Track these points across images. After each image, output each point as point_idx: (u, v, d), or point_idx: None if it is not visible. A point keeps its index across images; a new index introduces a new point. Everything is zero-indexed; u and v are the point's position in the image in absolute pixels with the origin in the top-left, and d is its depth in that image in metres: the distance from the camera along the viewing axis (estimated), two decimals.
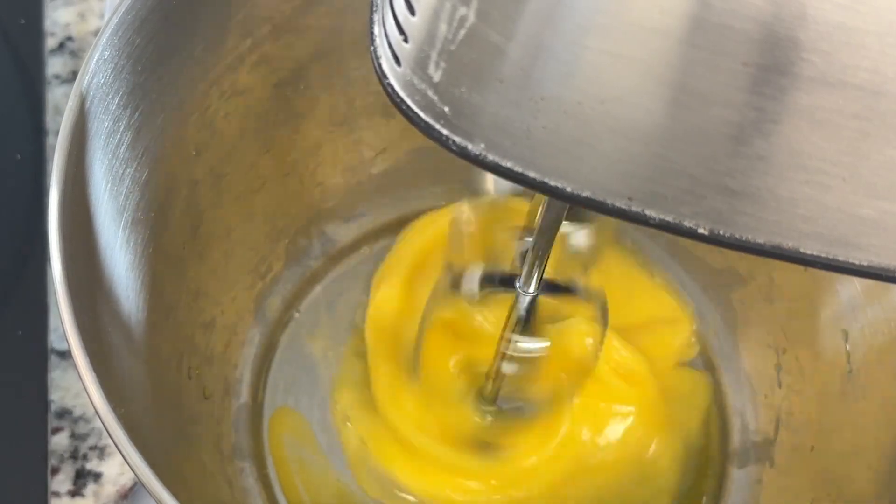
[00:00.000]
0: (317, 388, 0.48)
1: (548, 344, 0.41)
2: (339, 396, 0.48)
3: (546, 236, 0.36)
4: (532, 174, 0.25)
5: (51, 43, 0.58)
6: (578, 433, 0.46)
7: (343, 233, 0.52)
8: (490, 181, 0.44)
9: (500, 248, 0.41)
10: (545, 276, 0.39)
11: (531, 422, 0.46)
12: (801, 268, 0.45)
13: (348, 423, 0.47)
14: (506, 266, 0.40)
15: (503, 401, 0.45)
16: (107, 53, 0.37)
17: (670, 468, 0.47)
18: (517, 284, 0.39)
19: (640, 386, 0.47)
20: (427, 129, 0.25)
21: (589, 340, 0.43)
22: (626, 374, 0.47)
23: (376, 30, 0.26)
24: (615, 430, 0.47)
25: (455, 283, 0.41)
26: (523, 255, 0.38)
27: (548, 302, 0.40)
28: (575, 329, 0.42)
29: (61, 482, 0.47)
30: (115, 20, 0.37)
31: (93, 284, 0.36)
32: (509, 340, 0.40)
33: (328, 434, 0.47)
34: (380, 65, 0.26)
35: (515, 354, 0.41)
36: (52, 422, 0.48)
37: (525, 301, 0.39)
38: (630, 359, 0.47)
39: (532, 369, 0.43)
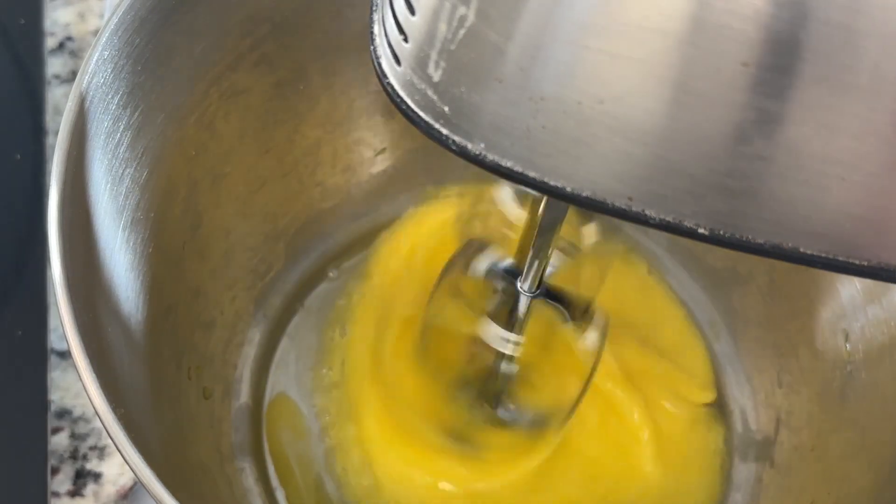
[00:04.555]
0: (316, 387, 0.48)
1: (525, 343, 0.41)
2: (336, 395, 0.48)
3: (546, 236, 0.36)
4: (532, 174, 0.25)
5: (50, 43, 0.58)
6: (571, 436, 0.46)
7: (343, 233, 0.52)
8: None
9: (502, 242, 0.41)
10: (551, 285, 0.39)
11: (521, 434, 0.46)
12: (801, 268, 0.45)
13: (344, 422, 0.47)
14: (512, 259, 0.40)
15: (502, 408, 0.45)
16: (106, 53, 0.37)
17: (667, 470, 0.47)
18: (518, 284, 0.39)
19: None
20: (427, 129, 0.25)
21: (585, 356, 0.43)
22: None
23: (376, 29, 0.26)
24: (606, 434, 0.47)
25: (466, 264, 0.41)
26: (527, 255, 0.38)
27: (546, 312, 0.40)
28: (573, 344, 0.42)
29: (61, 482, 0.47)
30: (114, 20, 0.37)
31: (93, 284, 0.36)
32: (503, 337, 0.40)
33: (326, 433, 0.47)
34: (380, 64, 0.26)
35: (505, 351, 0.41)
36: (52, 422, 0.48)
37: (523, 301, 0.39)
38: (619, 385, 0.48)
39: (527, 375, 0.43)
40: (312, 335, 0.50)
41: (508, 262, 0.40)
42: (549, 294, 0.40)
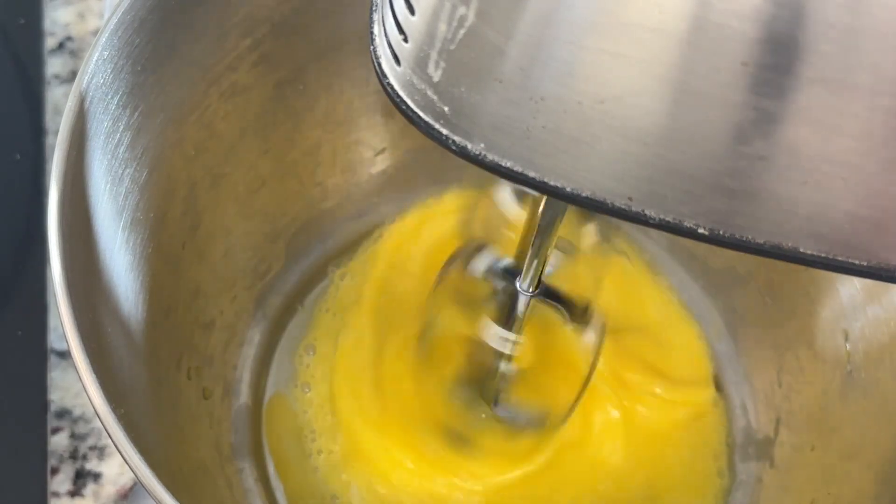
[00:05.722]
0: (315, 386, 0.48)
1: (521, 341, 0.41)
2: (337, 393, 0.48)
3: (545, 235, 0.36)
4: (532, 174, 0.25)
5: (50, 43, 0.58)
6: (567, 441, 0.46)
7: (343, 233, 0.52)
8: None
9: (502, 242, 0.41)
10: (550, 285, 0.39)
11: (520, 434, 0.46)
12: (801, 268, 0.45)
13: (346, 419, 0.47)
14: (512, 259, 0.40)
15: (501, 408, 0.45)
16: (106, 53, 0.37)
17: (667, 470, 0.47)
18: (517, 283, 0.39)
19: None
20: (427, 129, 0.25)
21: (583, 356, 0.43)
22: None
23: (376, 29, 0.26)
24: (606, 434, 0.47)
25: (465, 263, 0.41)
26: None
27: (545, 311, 0.40)
28: (572, 345, 0.43)
29: (61, 482, 0.47)
30: (114, 20, 0.37)
31: (92, 284, 0.36)
32: (502, 336, 0.41)
33: (326, 431, 0.47)
34: (379, 64, 0.26)
35: (504, 350, 0.41)
36: (52, 422, 0.48)
37: (522, 300, 0.39)
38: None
39: (525, 375, 0.43)
40: (312, 336, 0.50)
41: (508, 261, 0.41)
42: (548, 294, 0.40)
